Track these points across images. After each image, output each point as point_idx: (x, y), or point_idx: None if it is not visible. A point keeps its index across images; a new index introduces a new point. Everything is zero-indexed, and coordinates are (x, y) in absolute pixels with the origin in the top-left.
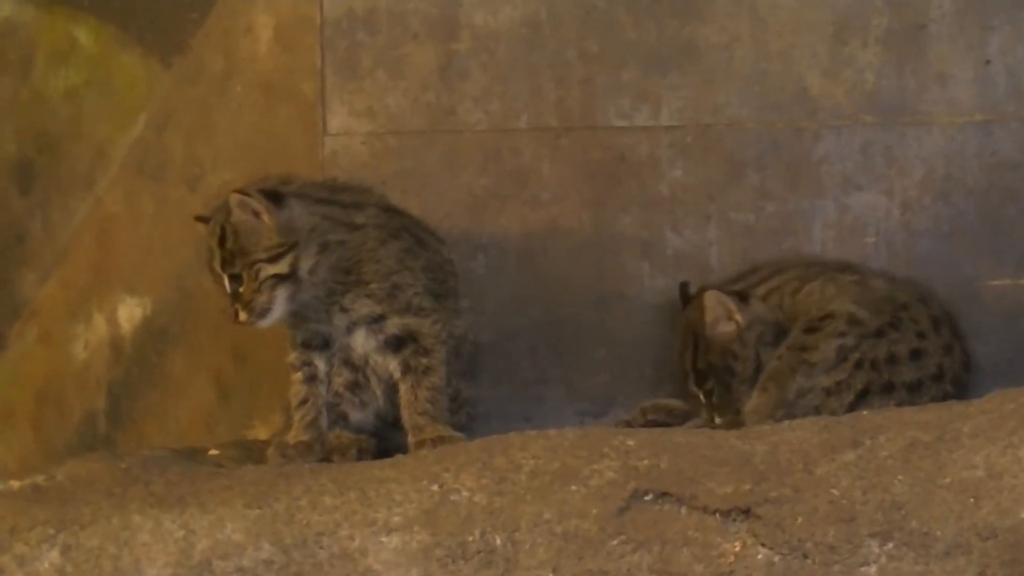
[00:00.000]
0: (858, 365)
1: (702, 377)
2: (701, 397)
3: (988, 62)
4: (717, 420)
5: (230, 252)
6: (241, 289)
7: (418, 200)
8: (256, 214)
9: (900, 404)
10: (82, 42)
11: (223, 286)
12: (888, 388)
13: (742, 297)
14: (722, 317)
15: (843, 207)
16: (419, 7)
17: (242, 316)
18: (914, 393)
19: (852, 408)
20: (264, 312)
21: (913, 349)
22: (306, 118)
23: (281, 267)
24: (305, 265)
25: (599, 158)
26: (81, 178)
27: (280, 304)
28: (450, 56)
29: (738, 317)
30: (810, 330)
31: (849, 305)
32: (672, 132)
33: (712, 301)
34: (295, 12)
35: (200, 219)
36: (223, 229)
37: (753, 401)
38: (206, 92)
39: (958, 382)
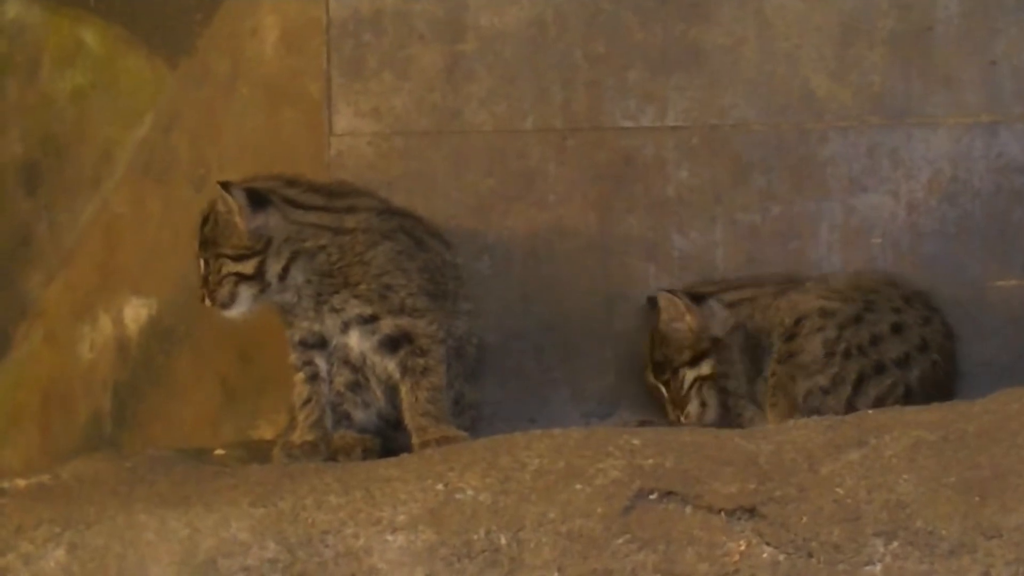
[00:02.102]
0: (846, 355)
1: (659, 368)
2: (661, 389)
3: (994, 63)
4: (683, 418)
5: (205, 238)
6: (209, 277)
7: (424, 201)
8: (231, 211)
9: (895, 383)
10: (88, 44)
11: (199, 267)
12: (879, 368)
13: (696, 299)
14: (676, 317)
15: (849, 209)
16: (425, 8)
17: (207, 301)
18: (904, 368)
19: (851, 400)
20: (226, 304)
21: (893, 323)
22: (312, 119)
23: (244, 268)
24: (272, 270)
25: (605, 159)
26: (87, 179)
27: (244, 300)
28: (456, 57)
29: (688, 317)
30: (790, 337)
31: (816, 301)
32: (678, 133)
33: (665, 302)
34: (301, 14)
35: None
36: (208, 213)
37: (770, 419)
38: (212, 93)
39: (943, 351)
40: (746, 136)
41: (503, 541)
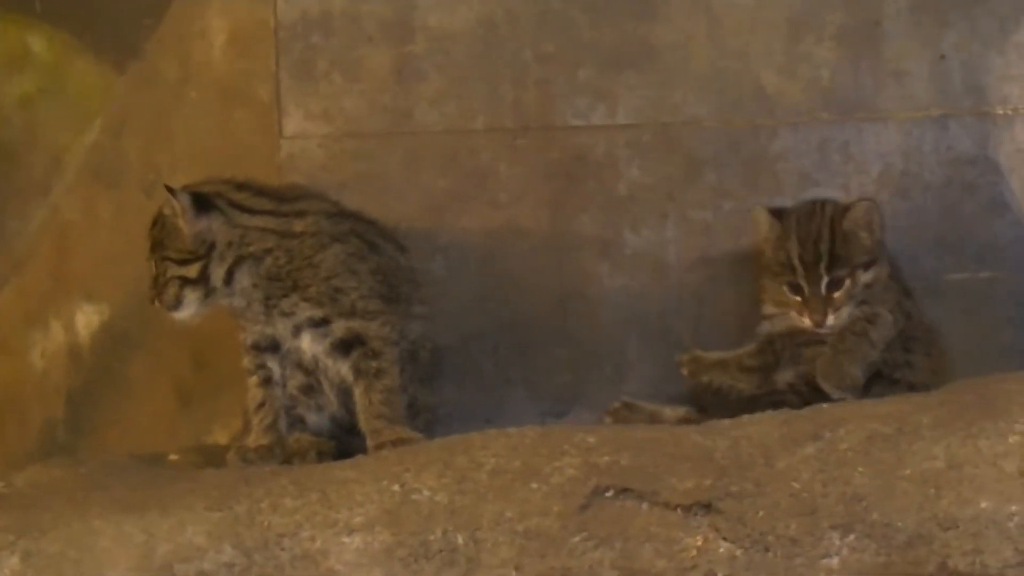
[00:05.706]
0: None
1: (839, 263)
2: (822, 286)
3: (943, 57)
4: (831, 319)
5: (154, 240)
6: (158, 278)
7: (377, 202)
8: (175, 215)
9: None
10: (35, 49)
11: (151, 268)
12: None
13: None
14: (865, 223)
15: None
16: (374, 9)
17: (156, 303)
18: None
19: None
20: (173, 306)
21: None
22: (262, 122)
23: (187, 271)
24: (216, 274)
25: (557, 158)
26: (37, 185)
27: (190, 303)
28: (406, 58)
29: (875, 226)
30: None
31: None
32: (629, 131)
33: (861, 207)
34: (249, 16)
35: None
36: (157, 215)
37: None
38: (161, 97)
39: None
40: (697, 133)
41: (460, 541)
